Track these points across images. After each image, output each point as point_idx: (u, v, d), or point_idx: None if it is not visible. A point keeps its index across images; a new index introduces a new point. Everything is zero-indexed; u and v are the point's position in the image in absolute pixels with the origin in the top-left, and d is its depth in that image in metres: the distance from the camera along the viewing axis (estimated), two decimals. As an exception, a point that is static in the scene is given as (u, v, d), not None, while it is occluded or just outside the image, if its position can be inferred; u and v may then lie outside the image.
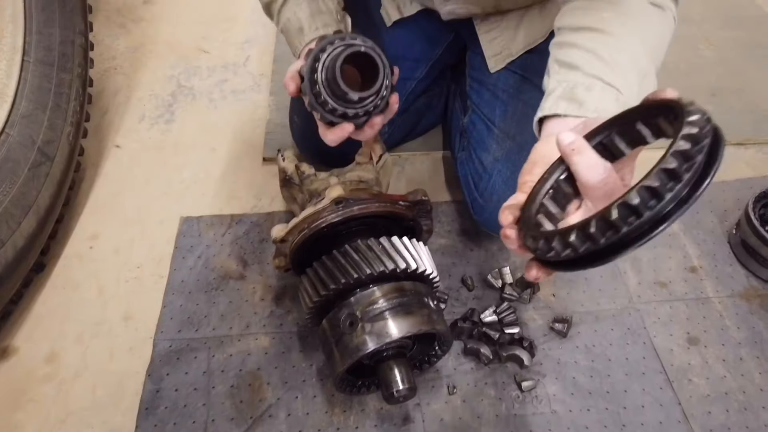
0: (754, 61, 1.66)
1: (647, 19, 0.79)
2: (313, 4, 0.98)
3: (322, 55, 0.83)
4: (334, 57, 0.82)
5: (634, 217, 0.47)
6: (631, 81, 0.73)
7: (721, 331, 1.08)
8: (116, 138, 1.48)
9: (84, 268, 1.19)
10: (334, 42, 0.84)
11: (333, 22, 0.97)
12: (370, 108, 0.86)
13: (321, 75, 0.83)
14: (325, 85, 0.83)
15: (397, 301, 0.89)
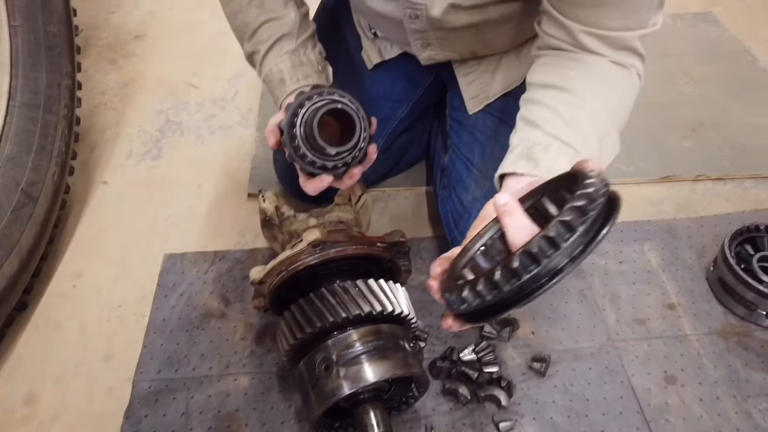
0: (732, 95, 1.69)
1: (611, 78, 0.82)
2: (295, 56, 1.01)
3: (301, 110, 0.86)
4: (312, 112, 0.86)
5: (534, 265, 0.51)
6: (590, 141, 0.76)
7: (699, 369, 1.09)
8: (104, 174, 1.50)
9: (66, 307, 1.20)
10: (313, 97, 0.87)
11: (314, 74, 1.00)
12: (349, 160, 0.89)
13: (300, 129, 0.86)
14: (303, 138, 0.86)
15: (373, 344, 0.90)
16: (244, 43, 1.06)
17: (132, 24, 2.07)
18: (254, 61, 1.06)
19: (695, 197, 1.43)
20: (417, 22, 1.01)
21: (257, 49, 1.03)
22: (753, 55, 1.85)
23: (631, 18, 0.81)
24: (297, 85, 0.99)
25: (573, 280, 1.24)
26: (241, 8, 1.03)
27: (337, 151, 0.87)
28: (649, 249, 1.30)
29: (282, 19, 1.02)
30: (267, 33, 1.02)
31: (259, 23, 1.02)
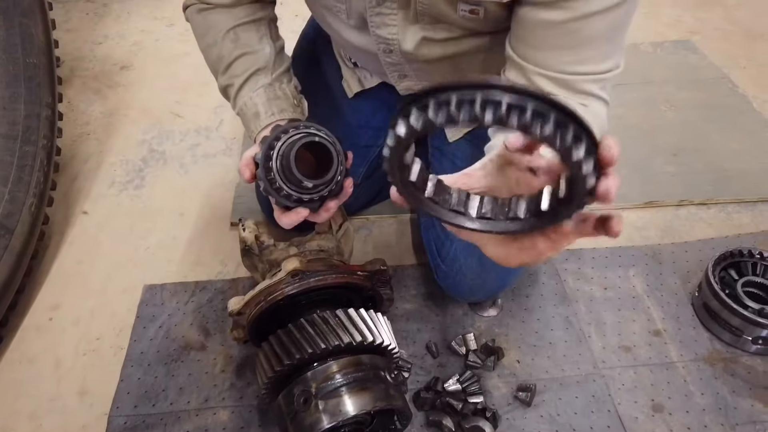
0: (713, 121, 1.71)
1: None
2: (270, 89, 1.00)
3: (277, 143, 0.85)
4: (289, 145, 0.85)
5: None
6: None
7: (686, 397, 1.07)
8: (84, 204, 1.48)
9: (42, 340, 1.17)
10: (289, 130, 0.86)
11: (289, 107, 1.00)
12: (325, 193, 0.89)
13: (276, 162, 0.85)
14: (279, 171, 0.85)
15: (353, 376, 0.88)
16: (218, 76, 1.05)
17: (118, 55, 2.08)
18: (228, 94, 1.04)
19: (679, 222, 1.43)
20: (391, 56, 1.02)
21: (231, 83, 1.02)
22: (732, 81, 1.88)
23: (588, 63, 0.82)
24: (272, 119, 0.98)
25: (558, 307, 1.22)
26: (215, 42, 1.02)
27: (314, 184, 0.86)
28: (634, 275, 1.29)
29: (257, 53, 1.01)
30: (241, 67, 1.01)
31: (233, 57, 1.01)
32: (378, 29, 0.96)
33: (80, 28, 2.23)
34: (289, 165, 0.83)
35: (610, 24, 0.79)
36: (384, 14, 0.92)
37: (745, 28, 2.22)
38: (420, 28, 0.94)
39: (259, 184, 0.88)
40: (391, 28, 0.95)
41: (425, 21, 0.92)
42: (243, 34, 1.02)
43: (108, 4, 2.39)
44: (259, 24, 1.04)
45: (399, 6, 0.91)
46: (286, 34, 1.12)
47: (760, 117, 1.73)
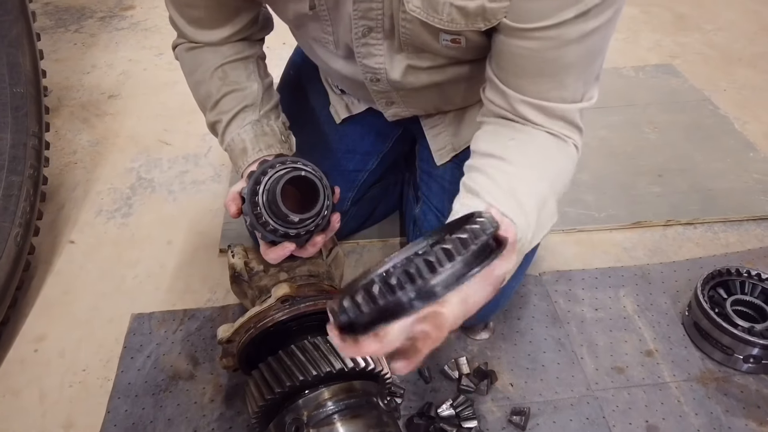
0: (696, 142, 1.74)
1: (549, 149, 0.86)
2: (257, 126, 1.01)
3: (264, 177, 0.86)
4: (275, 179, 0.85)
5: (410, 283, 0.52)
6: (527, 209, 0.78)
7: (680, 417, 1.07)
8: (71, 233, 1.47)
9: (26, 373, 1.15)
10: (275, 165, 0.87)
11: (277, 143, 1.00)
12: (312, 227, 0.89)
13: (262, 197, 0.85)
14: (266, 206, 0.86)
15: (345, 403, 0.87)
16: (207, 112, 1.05)
17: (106, 84, 2.09)
18: (216, 130, 1.05)
19: (666, 242, 1.44)
20: (378, 84, 1.02)
21: (219, 119, 1.02)
22: (713, 103, 1.92)
23: (567, 90, 0.84)
24: (259, 154, 0.98)
25: (550, 329, 1.22)
26: (204, 79, 1.03)
27: (300, 219, 0.86)
28: (624, 295, 1.30)
29: (245, 90, 1.02)
30: (229, 104, 1.01)
31: (221, 94, 1.02)
32: (365, 59, 0.97)
33: (68, 58, 2.23)
34: (275, 200, 0.83)
35: (587, 51, 0.81)
36: (370, 44, 0.93)
37: (724, 52, 2.28)
38: (405, 57, 0.95)
39: (246, 218, 0.88)
40: (377, 57, 0.96)
41: (410, 50, 0.94)
42: (231, 71, 1.03)
43: (96, 35, 2.41)
44: (247, 62, 1.05)
45: (384, 36, 0.92)
46: (273, 61, 1.13)
47: (742, 137, 1.76)
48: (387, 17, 0.88)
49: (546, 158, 0.85)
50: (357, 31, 0.91)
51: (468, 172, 0.86)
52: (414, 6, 0.82)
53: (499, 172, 0.81)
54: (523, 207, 0.77)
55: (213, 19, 1.00)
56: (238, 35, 1.04)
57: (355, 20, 0.89)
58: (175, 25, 1.04)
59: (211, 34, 1.02)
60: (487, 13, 0.80)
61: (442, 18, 0.82)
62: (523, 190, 0.79)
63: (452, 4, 0.80)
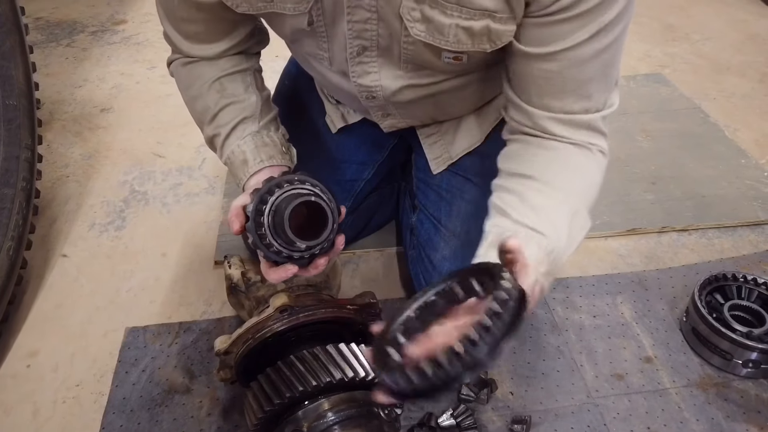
0: (688, 150, 1.75)
1: (575, 162, 0.87)
2: (257, 137, 0.99)
3: (270, 197, 0.83)
4: (283, 201, 0.82)
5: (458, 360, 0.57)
6: (557, 223, 0.80)
7: (681, 424, 1.06)
8: (64, 247, 1.45)
9: (19, 388, 1.13)
10: (283, 185, 0.84)
11: (278, 154, 0.98)
12: (316, 251, 0.86)
13: (268, 218, 0.82)
14: (271, 228, 0.83)
15: (346, 413, 0.86)
16: (204, 127, 1.03)
17: (98, 98, 2.08)
18: (215, 144, 1.03)
19: (662, 249, 1.45)
20: (374, 101, 1.02)
21: (218, 132, 1.00)
22: (704, 111, 1.94)
23: (590, 101, 0.85)
24: (260, 165, 0.96)
25: (549, 337, 1.22)
26: (201, 93, 1.01)
27: (307, 246, 0.83)
28: (622, 302, 1.30)
29: (243, 102, 1.01)
30: (228, 116, 1.00)
31: (219, 107, 1.00)
32: (359, 78, 0.96)
33: (60, 72, 2.23)
34: (282, 224, 0.80)
35: (604, 63, 0.82)
36: (364, 63, 0.93)
37: (712, 62, 2.31)
38: (403, 74, 0.95)
39: (248, 236, 0.85)
40: (373, 75, 0.95)
41: (408, 68, 0.94)
42: (228, 84, 1.01)
43: (87, 49, 2.40)
44: (244, 74, 1.03)
45: (379, 54, 0.92)
46: (267, 74, 1.12)
47: (733, 145, 1.78)
48: (384, 38, 0.88)
49: (573, 171, 0.87)
50: (351, 50, 0.90)
51: (496, 192, 0.89)
52: (419, 31, 0.83)
53: (527, 189, 0.84)
54: (554, 222, 0.80)
55: (210, 34, 0.99)
56: (235, 49, 1.03)
57: (349, 39, 0.89)
58: (170, 40, 1.02)
59: (208, 48, 1.00)
60: (492, 34, 0.81)
61: (449, 40, 0.83)
62: (551, 204, 0.82)
63: (458, 25, 0.81)
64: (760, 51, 2.40)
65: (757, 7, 2.76)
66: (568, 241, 0.81)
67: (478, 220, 1.11)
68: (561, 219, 0.81)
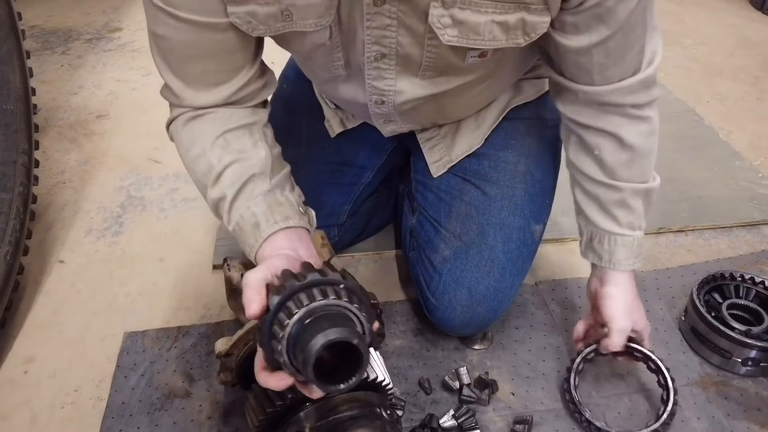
0: (683, 152, 1.76)
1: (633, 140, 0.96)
2: (270, 196, 0.86)
3: (295, 310, 0.67)
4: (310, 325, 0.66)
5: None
6: (635, 209, 1.02)
7: (682, 423, 1.06)
8: (60, 253, 1.44)
9: (16, 395, 1.12)
10: (314, 294, 0.68)
11: (295, 215, 0.86)
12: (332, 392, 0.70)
13: (286, 339, 0.67)
14: (290, 351, 0.68)
15: (348, 414, 0.85)
16: (208, 190, 0.89)
17: (94, 104, 2.08)
18: (221, 210, 0.88)
19: (659, 249, 1.45)
20: (382, 107, 1.01)
21: (223, 195, 0.86)
22: (698, 114, 1.95)
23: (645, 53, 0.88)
24: (275, 227, 0.83)
25: (549, 337, 1.22)
26: (204, 151, 0.88)
27: (326, 390, 0.68)
28: (621, 302, 1.30)
29: (251, 159, 0.87)
30: (234, 175, 0.86)
31: (223, 165, 0.86)
32: (374, 81, 0.94)
33: (55, 79, 2.22)
34: (306, 362, 0.64)
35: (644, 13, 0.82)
36: (382, 68, 0.91)
37: (705, 66, 2.33)
38: (419, 82, 0.94)
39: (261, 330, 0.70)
40: (388, 80, 0.94)
41: (426, 75, 0.92)
42: (234, 140, 0.88)
43: (83, 56, 2.40)
44: (251, 128, 0.91)
45: (398, 62, 0.90)
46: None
47: (728, 147, 1.79)
48: (403, 46, 0.86)
49: (635, 152, 0.97)
50: (369, 55, 0.88)
51: (577, 190, 1.06)
52: (450, 37, 0.81)
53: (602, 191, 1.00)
54: (633, 210, 1.01)
55: (217, 73, 0.88)
56: (243, 92, 0.91)
57: (368, 45, 0.86)
58: (171, 93, 0.91)
59: (215, 92, 0.88)
60: (527, 26, 0.81)
61: (483, 38, 0.82)
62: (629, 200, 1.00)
63: (494, 21, 0.80)
64: (752, 55, 2.43)
65: (747, 12, 2.80)
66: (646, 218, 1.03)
67: (477, 221, 1.12)
68: (637, 205, 1.00)
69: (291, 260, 0.78)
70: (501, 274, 1.11)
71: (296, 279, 0.70)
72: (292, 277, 0.71)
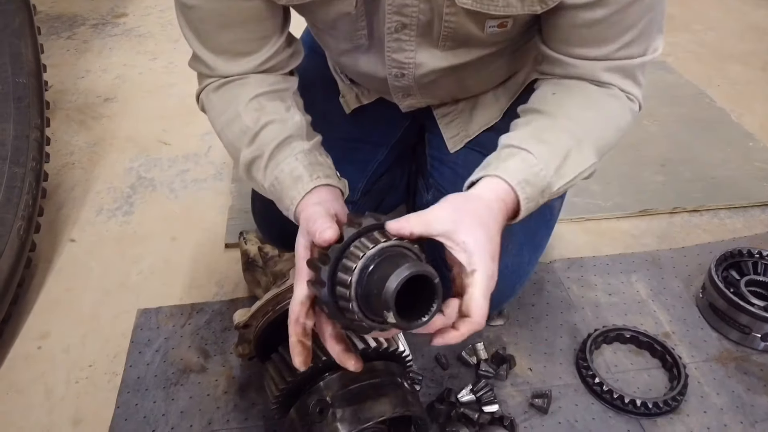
0: (696, 133, 1.75)
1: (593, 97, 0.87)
2: (310, 155, 0.85)
3: (360, 253, 0.64)
4: (383, 264, 0.64)
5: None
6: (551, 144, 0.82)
7: (701, 398, 1.06)
8: (71, 232, 1.43)
9: (31, 370, 1.11)
10: (376, 238, 0.65)
11: (334, 176, 0.85)
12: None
13: (354, 287, 0.64)
14: (361, 301, 0.65)
15: (370, 383, 0.84)
16: (243, 151, 0.87)
17: (101, 88, 2.07)
18: (255, 168, 0.87)
19: (674, 229, 1.44)
20: (402, 80, 0.99)
21: (260, 153, 0.85)
22: (710, 96, 1.94)
23: (632, 47, 0.84)
24: (317, 182, 0.81)
25: (565, 315, 1.21)
26: (237, 114, 0.87)
27: (405, 326, 0.64)
28: (637, 280, 1.29)
29: (286, 122, 0.87)
30: (271, 134, 0.85)
31: (260, 125, 0.86)
32: (394, 53, 0.93)
33: (62, 63, 2.21)
34: (387, 300, 0.60)
35: (647, 6, 0.81)
36: (402, 40, 0.90)
37: (714, 50, 2.32)
38: (439, 53, 0.92)
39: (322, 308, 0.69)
40: (408, 53, 0.93)
41: (446, 46, 0.91)
42: (268, 103, 0.89)
43: (89, 41, 2.39)
44: (283, 94, 0.92)
45: (418, 33, 0.89)
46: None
47: (740, 128, 1.78)
48: (424, 14, 0.85)
49: (586, 104, 0.86)
50: (390, 26, 0.87)
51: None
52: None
53: (535, 118, 0.86)
54: (545, 141, 0.81)
55: (247, 42, 0.88)
56: (272, 61, 0.91)
57: (389, 15, 0.86)
58: (201, 64, 0.90)
59: (245, 62, 0.89)
60: None
61: (498, 4, 0.81)
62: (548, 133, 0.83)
63: None
64: (761, 40, 2.41)
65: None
66: (559, 167, 0.81)
67: None
68: (554, 142, 0.81)
69: (331, 214, 0.77)
70: (518, 250, 1.09)
71: (352, 227, 0.67)
72: (347, 225, 0.68)
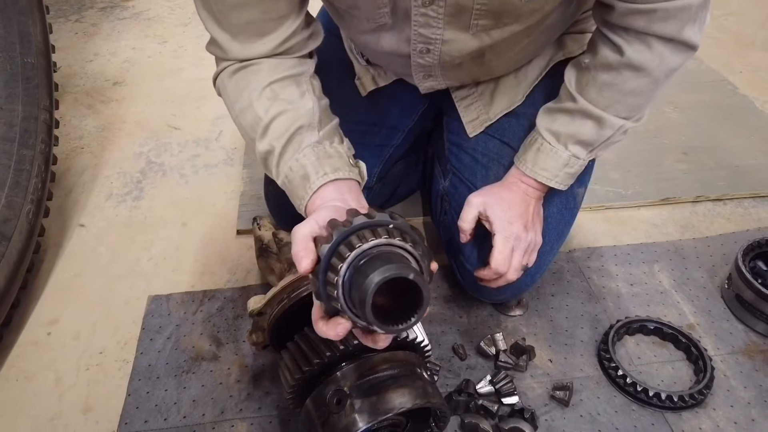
0: (718, 121, 1.71)
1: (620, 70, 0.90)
2: (319, 148, 0.84)
3: (348, 252, 0.64)
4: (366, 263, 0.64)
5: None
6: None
7: (728, 391, 1.02)
8: (81, 217, 1.41)
9: (40, 356, 1.09)
10: (366, 236, 0.65)
11: (345, 167, 0.84)
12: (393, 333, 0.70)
13: (342, 284, 0.65)
14: (346, 295, 0.66)
15: (388, 373, 0.82)
16: (257, 142, 0.88)
17: (110, 71, 2.04)
18: (270, 163, 0.87)
19: (697, 218, 1.40)
20: (425, 57, 0.96)
21: (272, 147, 0.85)
22: (732, 83, 1.89)
23: None
24: (324, 179, 0.81)
25: (586, 305, 1.18)
26: (250, 103, 0.87)
27: (387, 330, 0.64)
28: (659, 270, 1.25)
29: (298, 110, 0.86)
30: (281, 126, 0.85)
31: (271, 116, 0.85)
32: (421, 28, 0.89)
33: (70, 46, 2.18)
34: (363, 303, 0.61)
35: None
36: (429, 16, 0.87)
37: (736, 37, 2.26)
38: (469, 35, 0.89)
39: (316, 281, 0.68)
40: (435, 29, 0.89)
41: (477, 28, 0.88)
42: (281, 90, 0.87)
43: (97, 24, 2.36)
44: (298, 79, 0.90)
45: (447, 12, 0.86)
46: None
47: (764, 115, 1.73)
48: None
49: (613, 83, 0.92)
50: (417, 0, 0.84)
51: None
52: None
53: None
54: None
55: (264, 22, 0.86)
56: (289, 42, 0.89)
57: None
58: (217, 47, 0.89)
59: (261, 44, 0.87)
60: None
61: None
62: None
63: None
64: (784, 26, 2.35)
65: (777, -17, 2.71)
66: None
67: None
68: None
69: (340, 211, 0.75)
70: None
71: (344, 226, 0.67)
72: (339, 224, 0.68)
